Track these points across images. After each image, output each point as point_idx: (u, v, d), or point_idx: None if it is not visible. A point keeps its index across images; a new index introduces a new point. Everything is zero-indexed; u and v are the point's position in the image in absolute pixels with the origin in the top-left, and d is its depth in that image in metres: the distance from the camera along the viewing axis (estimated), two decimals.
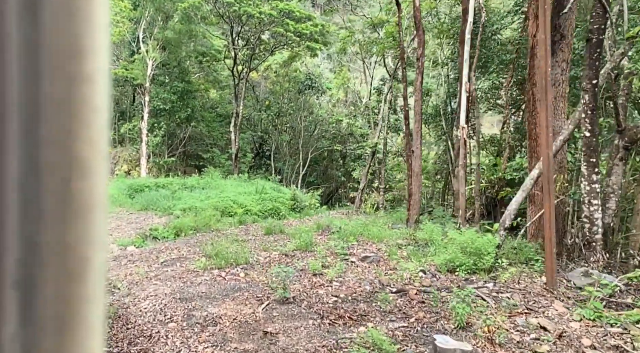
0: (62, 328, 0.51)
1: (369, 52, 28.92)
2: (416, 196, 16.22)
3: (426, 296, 7.75)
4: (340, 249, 11.21)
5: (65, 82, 0.51)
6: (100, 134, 0.58)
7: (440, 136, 26.70)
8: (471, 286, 8.47)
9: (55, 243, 0.50)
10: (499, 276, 8.84)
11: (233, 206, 22.25)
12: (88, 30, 0.53)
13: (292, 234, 14.05)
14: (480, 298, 7.60)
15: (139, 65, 38.53)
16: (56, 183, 0.51)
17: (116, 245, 16.05)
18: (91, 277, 0.53)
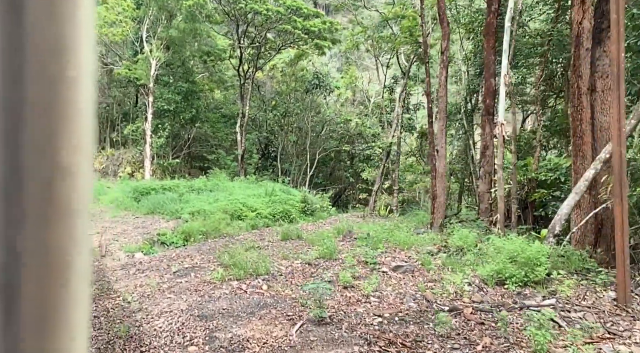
0: (45, 331, 0.51)
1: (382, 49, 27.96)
2: (441, 199, 15.26)
3: (485, 316, 6.79)
4: (369, 258, 10.25)
5: (48, 84, 0.51)
6: (84, 137, 0.59)
7: (460, 135, 25.73)
8: (528, 302, 7.51)
9: (38, 247, 0.51)
10: (558, 290, 7.89)
11: (243, 209, 21.31)
12: (72, 32, 0.52)
13: (312, 240, 13.11)
14: (549, 319, 6.63)
15: (143, 65, 37.61)
16: (38, 187, 0.51)
17: (123, 251, 15.13)
18: (74, 280, 0.54)
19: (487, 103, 16.29)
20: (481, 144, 16.50)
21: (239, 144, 37.37)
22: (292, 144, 40.58)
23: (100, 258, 13.99)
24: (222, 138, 43.57)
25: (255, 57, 37.95)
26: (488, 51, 16.25)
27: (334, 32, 35.77)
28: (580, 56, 10.54)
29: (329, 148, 39.87)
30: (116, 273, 11.51)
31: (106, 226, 18.51)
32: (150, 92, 36.96)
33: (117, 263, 12.89)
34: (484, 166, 16.18)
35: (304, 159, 40.05)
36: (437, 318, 6.51)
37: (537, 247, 8.48)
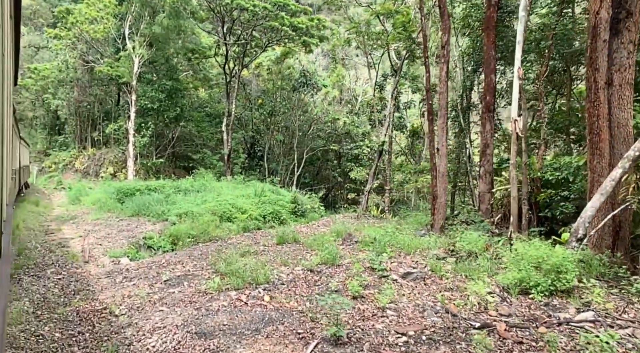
0: None
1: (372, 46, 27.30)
2: (442, 199, 14.61)
3: (521, 334, 6.09)
4: (376, 264, 9.53)
5: None
6: None
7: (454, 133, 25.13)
8: (562, 314, 6.85)
9: None
10: (592, 301, 7.23)
11: (232, 210, 20.51)
12: None
13: (310, 244, 12.36)
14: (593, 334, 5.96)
15: (125, 62, 36.55)
16: None
17: (107, 256, 14.27)
18: None
19: (488, 100, 15.70)
20: (481, 142, 15.91)
21: (225, 144, 36.51)
22: (279, 144, 39.83)
23: (83, 264, 13.12)
24: (207, 137, 42.68)
25: (241, 54, 37.10)
26: (488, 46, 15.65)
27: (321, 30, 35.08)
28: (597, 47, 9.94)
29: (317, 147, 39.16)
30: (101, 282, 10.68)
31: (89, 229, 17.61)
32: (133, 91, 35.93)
33: (101, 270, 12.05)
34: (484, 165, 15.58)
35: (291, 159, 39.32)
36: (470, 337, 5.82)
37: (562, 252, 7.83)
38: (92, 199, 24.14)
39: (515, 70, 10.51)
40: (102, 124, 43.74)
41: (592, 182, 10.19)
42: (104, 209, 21.22)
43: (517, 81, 10.42)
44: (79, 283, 10.50)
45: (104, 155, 41.67)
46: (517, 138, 10.45)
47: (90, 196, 25.10)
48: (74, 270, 11.83)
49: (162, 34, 37.24)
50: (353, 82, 43.24)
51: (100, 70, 37.13)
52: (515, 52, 10.56)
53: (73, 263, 12.74)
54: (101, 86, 43.64)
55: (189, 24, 38.48)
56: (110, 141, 42.98)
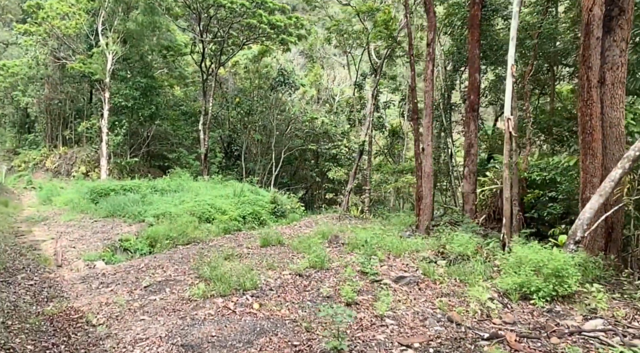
0: None
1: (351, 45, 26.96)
2: (427, 200, 14.35)
3: (533, 345, 5.74)
4: (368, 268, 9.17)
5: None
6: None
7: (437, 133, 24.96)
8: (569, 322, 6.59)
9: None
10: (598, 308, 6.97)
11: (211, 211, 20.03)
12: None
13: (295, 246, 11.98)
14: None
15: (98, 59, 35.56)
16: None
17: (82, 260, 13.70)
18: None
19: (472, 99, 15.50)
20: (465, 142, 15.69)
21: (201, 143, 35.87)
22: (257, 143, 39.30)
23: (57, 269, 12.54)
24: (182, 136, 41.96)
25: (218, 52, 36.48)
26: (472, 45, 15.44)
27: (299, 28, 34.68)
28: (591, 45, 9.74)
29: (295, 147, 38.75)
30: (76, 288, 10.15)
31: (61, 231, 16.95)
32: (107, 88, 35.02)
33: (76, 275, 11.50)
34: (469, 165, 15.37)
35: (269, 159, 38.85)
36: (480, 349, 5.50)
37: (562, 256, 7.58)
38: (64, 199, 23.39)
39: (508, 67, 10.26)
40: (74, 123, 42.68)
41: (585, 183, 10.00)
42: (77, 209, 20.51)
43: (510, 78, 10.18)
44: (53, 289, 9.97)
45: (75, 154, 40.63)
46: (510, 137, 10.22)
47: (62, 196, 24.33)
48: (47, 275, 11.27)
49: (137, 31, 36.44)
50: (330, 81, 42.90)
51: (72, 66, 36.14)
52: (509, 49, 10.32)
53: (45, 268, 12.17)
54: (73, 84, 42.57)
55: (164, 20, 37.74)
56: (83, 140, 41.96)
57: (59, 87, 42.38)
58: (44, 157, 41.02)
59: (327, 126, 37.01)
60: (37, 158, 40.82)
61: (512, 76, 10.23)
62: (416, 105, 15.09)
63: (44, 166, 40.39)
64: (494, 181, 14.65)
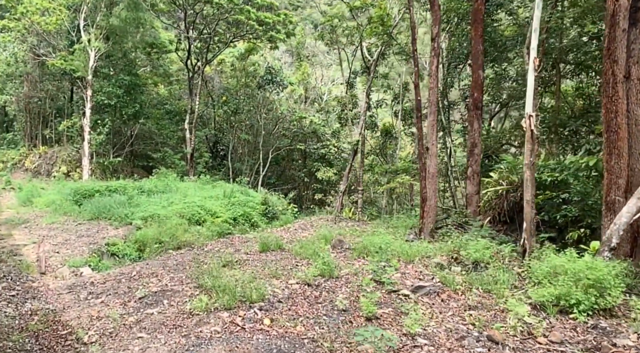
0: None
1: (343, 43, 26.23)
2: (432, 202, 13.70)
3: None
4: (383, 277, 8.47)
5: None
6: None
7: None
8: (621, 340, 5.96)
9: None
10: None
11: (201, 213, 19.25)
12: None
13: (297, 252, 11.25)
14: None
15: (80, 56, 34.40)
16: None
17: (67, 266, 12.85)
18: None
19: (475, 97, 14.92)
20: (468, 141, 15.13)
21: (187, 142, 34.93)
22: (244, 143, 38.44)
23: (40, 277, 11.68)
24: (167, 136, 40.94)
25: (204, 50, 35.57)
26: (475, 40, 14.86)
27: (287, 25, 33.90)
28: (616, 37, 9.17)
29: (282, 147, 37.96)
30: (63, 298, 9.33)
31: (44, 235, 16.02)
32: (89, 85, 33.92)
33: (61, 283, 10.68)
34: (472, 165, 14.80)
35: (256, 159, 38.03)
36: None
37: (603, 265, 6.95)
38: (45, 200, 22.36)
39: (530, 60, 9.63)
40: (54, 122, 41.42)
41: (610, 184, 9.40)
42: (59, 212, 19.54)
43: (533, 72, 9.54)
44: (37, 300, 9.14)
45: (56, 154, 39.37)
46: (532, 135, 9.60)
47: (43, 198, 23.28)
48: (30, 284, 10.42)
49: (120, 27, 35.36)
50: (319, 80, 42.16)
51: (53, 63, 34.94)
52: (531, 41, 9.68)
53: (28, 276, 11.31)
54: (53, 81, 41.27)
55: (148, 16, 36.72)
56: (63, 139, 40.73)
57: (38, 85, 41.06)
58: (23, 157, 39.69)
59: (315, 125, 36.24)
60: (15, 157, 39.48)
61: (534, 69, 9.60)
62: (420, 102, 14.44)
63: (23, 166, 39.09)
64: (499, 182, 14.04)
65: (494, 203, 14.38)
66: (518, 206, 14.17)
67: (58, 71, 38.07)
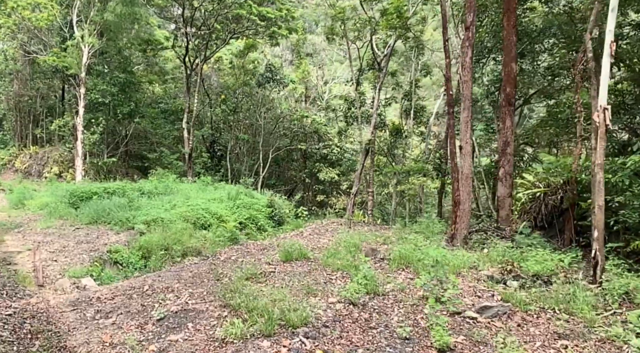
0: None
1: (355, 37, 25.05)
2: (465, 206, 12.61)
3: None
4: (442, 296, 7.31)
5: None
6: None
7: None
8: None
9: None
10: None
11: (206, 216, 18.11)
12: None
13: (326, 262, 10.10)
14: None
15: (73, 52, 33.01)
16: None
17: (67, 277, 11.67)
18: None
19: (508, 92, 13.84)
20: (500, 140, 14.04)
21: (185, 142, 33.68)
22: (243, 143, 37.22)
23: (38, 289, 10.49)
24: (163, 135, 39.67)
25: (203, 46, 34.33)
26: (508, 31, 13.78)
27: (289, 21, 32.75)
28: None
29: (283, 147, 36.80)
30: (66, 317, 8.16)
31: (39, 241, 14.75)
32: (82, 83, 32.54)
33: (63, 298, 9.50)
34: (505, 166, 13.71)
35: (256, 159, 36.86)
36: None
37: None
38: (38, 203, 21.04)
39: (606, 45, 8.57)
40: (45, 121, 40.00)
41: None
42: (54, 215, 18.24)
43: (608, 59, 8.47)
44: (37, 320, 7.97)
45: (47, 154, 37.95)
46: (606, 131, 8.53)
47: (36, 200, 21.94)
48: (28, 300, 9.22)
49: (115, 23, 34.01)
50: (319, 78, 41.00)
51: (45, 60, 33.57)
52: (608, 23, 8.63)
53: (25, 289, 10.13)
54: (44, 80, 39.87)
55: (144, 12, 35.43)
56: (54, 139, 39.33)
57: (29, 83, 39.65)
58: (13, 157, 38.27)
59: (317, 124, 35.10)
60: (5, 157, 38.07)
61: (610, 55, 8.52)
62: (452, 97, 13.36)
63: (13, 167, 37.67)
64: (535, 184, 12.98)
65: (529, 207, 13.32)
66: (558, 210, 13.13)
67: (49, 69, 36.69)
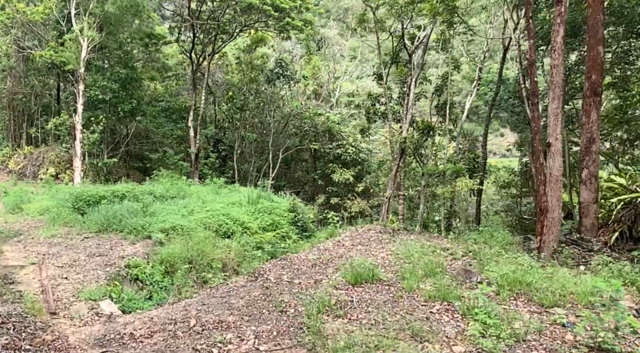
0: None
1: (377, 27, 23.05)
2: (555, 214, 10.69)
3: None
4: (608, 343, 5.41)
5: None
6: None
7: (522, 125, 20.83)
8: None
9: None
10: None
11: (228, 223, 16.14)
12: None
13: (408, 286, 8.12)
14: None
15: (71, 46, 30.80)
16: None
17: (82, 299, 9.68)
18: None
19: (593, 80, 11.97)
20: (583, 136, 12.14)
21: (191, 142, 31.64)
22: (250, 143, 35.17)
23: (50, 318, 8.46)
24: (165, 134, 37.59)
25: (210, 40, 32.28)
26: (594, 9, 11.91)
27: (302, 13, 30.81)
28: None
29: (294, 147, 34.82)
30: None
31: (44, 252, 12.72)
32: (81, 79, 30.42)
33: (85, 333, 7.54)
34: (589, 166, 11.84)
35: (264, 159, 34.86)
36: None
37: None
38: (38, 207, 18.89)
39: None
40: (40, 120, 37.80)
41: None
42: (58, 222, 16.11)
43: None
44: None
45: (43, 154, 35.75)
46: None
47: (35, 204, 19.77)
48: (41, 336, 7.22)
49: (116, 15, 32.02)
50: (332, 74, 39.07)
51: (40, 55, 31.40)
52: None
53: (35, 320, 8.11)
54: (39, 77, 37.66)
55: (146, 3, 33.42)
56: (50, 139, 37.13)
57: (23, 81, 37.40)
58: (7, 157, 36.04)
59: (330, 123, 33.14)
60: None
61: None
62: (536, 85, 11.48)
63: (7, 168, 35.47)
64: (629, 188, 11.11)
65: (619, 215, 11.43)
66: None
67: (44, 66, 34.49)
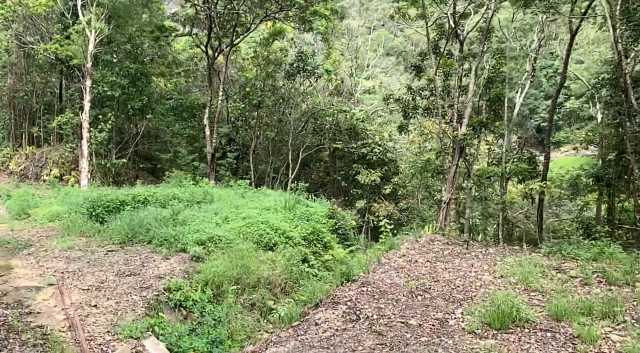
0: None
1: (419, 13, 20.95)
2: None
3: None
4: None
5: None
6: None
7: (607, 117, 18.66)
8: None
9: None
10: None
11: (269, 232, 14.04)
12: None
13: (584, 333, 6.00)
14: None
15: (78, 39, 28.57)
16: None
17: (122, 336, 7.63)
18: None
19: None
20: None
21: (207, 141, 29.45)
22: (268, 142, 33.05)
23: None
24: (176, 133, 35.48)
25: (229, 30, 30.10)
26: None
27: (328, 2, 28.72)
28: None
29: (315, 146, 32.75)
30: None
31: (62, 269, 10.51)
32: (88, 75, 28.30)
33: None
34: None
35: (283, 159, 32.76)
36: None
37: None
38: (47, 213, 16.58)
39: None
40: (43, 118, 35.62)
41: None
42: (73, 230, 13.84)
43: None
44: None
45: (45, 154, 33.59)
46: None
47: (43, 209, 17.44)
48: None
49: (125, 6, 29.95)
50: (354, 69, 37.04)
51: (44, 49, 29.25)
52: None
53: None
54: (41, 73, 35.49)
55: None
56: (53, 138, 34.97)
57: (24, 78, 35.19)
58: (7, 158, 33.91)
59: (355, 120, 31.09)
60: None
61: None
62: None
63: (8, 169, 33.34)
64: None
65: None
66: None
67: (47, 62, 32.39)
